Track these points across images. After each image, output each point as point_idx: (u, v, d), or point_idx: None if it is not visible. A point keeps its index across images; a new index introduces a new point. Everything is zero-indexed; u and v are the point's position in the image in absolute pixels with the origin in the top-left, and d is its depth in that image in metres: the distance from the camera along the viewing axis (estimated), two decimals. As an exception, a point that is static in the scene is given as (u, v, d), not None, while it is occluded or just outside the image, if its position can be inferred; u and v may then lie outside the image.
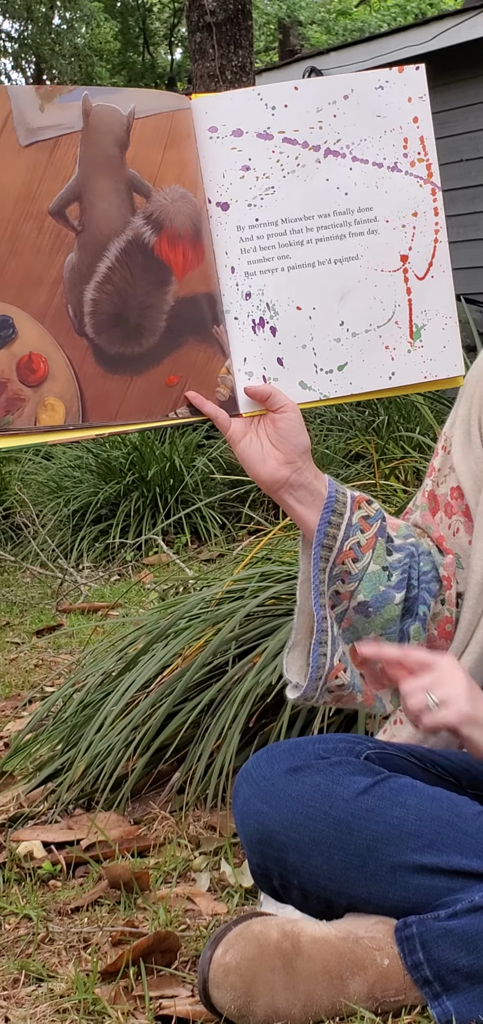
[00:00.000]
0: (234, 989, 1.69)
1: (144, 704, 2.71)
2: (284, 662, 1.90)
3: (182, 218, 1.82)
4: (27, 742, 2.94)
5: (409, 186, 1.88)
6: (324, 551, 1.83)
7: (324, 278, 1.85)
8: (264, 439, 1.82)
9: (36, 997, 1.88)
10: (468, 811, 1.75)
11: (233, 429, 1.82)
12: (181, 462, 6.09)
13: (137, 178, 1.81)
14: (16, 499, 6.39)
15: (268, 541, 3.39)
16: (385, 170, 1.87)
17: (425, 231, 1.88)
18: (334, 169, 1.86)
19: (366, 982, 1.70)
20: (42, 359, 1.78)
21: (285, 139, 1.85)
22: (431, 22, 9.83)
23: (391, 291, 1.87)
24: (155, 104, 1.83)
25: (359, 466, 5.39)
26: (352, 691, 1.88)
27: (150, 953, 1.92)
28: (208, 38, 7.37)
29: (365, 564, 1.84)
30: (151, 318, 1.82)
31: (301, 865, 1.75)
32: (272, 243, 1.85)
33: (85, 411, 1.79)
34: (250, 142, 1.85)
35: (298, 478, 1.82)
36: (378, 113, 1.87)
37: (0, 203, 1.75)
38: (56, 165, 1.78)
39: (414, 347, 1.88)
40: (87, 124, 1.79)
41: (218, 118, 1.85)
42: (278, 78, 10.93)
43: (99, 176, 1.80)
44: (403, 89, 1.89)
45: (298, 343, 1.85)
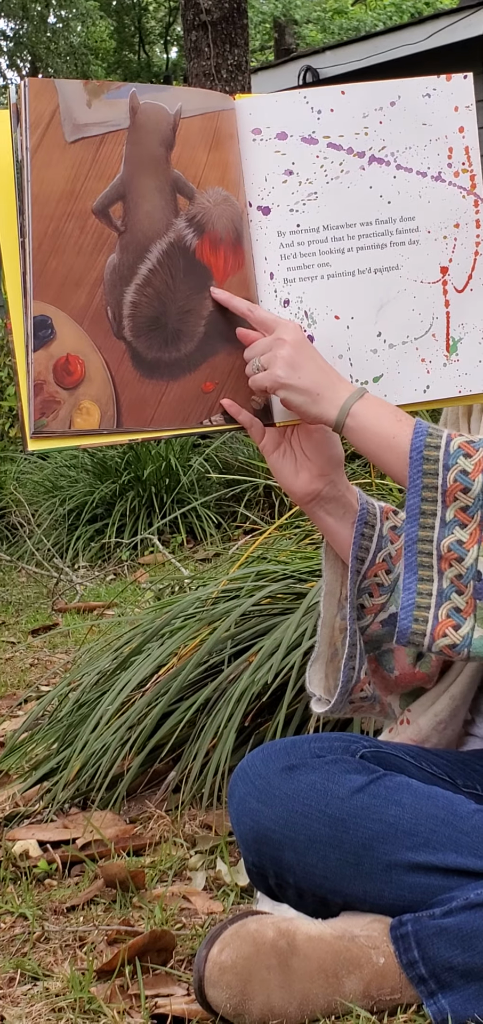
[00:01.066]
0: (230, 988, 1.69)
1: (140, 703, 2.71)
2: (307, 675, 1.89)
3: (224, 222, 1.79)
4: (23, 741, 2.95)
5: (452, 197, 1.85)
6: (357, 563, 1.82)
7: (363, 287, 1.82)
8: (297, 451, 1.80)
9: (32, 996, 1.88)
10: (463, 809, 1.75)
11: (267, 440, 1.79)
12: (177, 461, 6.10)
13: (181, 179, 1.78)
14: (12, 498, 6.39)
15: (264, 540, 3.39)
16: (429, 179, 1.85)
17: (466, 243, 1.85)
18: (378, 177, 1.83)
19: (362, 980, 1.70)
20: (79, 361, 1.73)
21: (330, 144, 1.82)
22: (427, 21, 9.83)
23: (430, 303, 1.84)
24: (201, 104, 1.80)
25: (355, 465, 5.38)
26: (372, 702, 1.88)
27: (146, 952, 1.92)
28: (204, 37, 7.36)
29: (397, 575, 1.83)
30: (190, 323, 1.78)
31: (297, 863, 1.75)
32: (313, 250, 1.81)
33: (120, 416, 1.75)
34: (294, 146, 1.82)
35: (331, 491, 1.81)
36: (424, 121, 1.85)
37: (44, 200, 1.71)
38: (101, 163, 1.74)
39: (450, 360, 1.84)
40: (134, 122, 1.75)
41: (262, 120, 1.82)
42: (274, 77, 10.93)
43: (144, 176, 1.76)
44: (450, 98, 1.86)
45: (335, 353, 1.82)
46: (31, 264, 1.71)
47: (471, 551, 1.64)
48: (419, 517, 1.66)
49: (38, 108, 1.71)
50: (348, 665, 1.81)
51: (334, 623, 1.87)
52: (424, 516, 1.65)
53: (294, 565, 3.05)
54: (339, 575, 1.86)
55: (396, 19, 20.46)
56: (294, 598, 2.89)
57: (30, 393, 1.70)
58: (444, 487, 1.64)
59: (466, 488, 1.64)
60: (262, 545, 3.37)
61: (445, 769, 1.87)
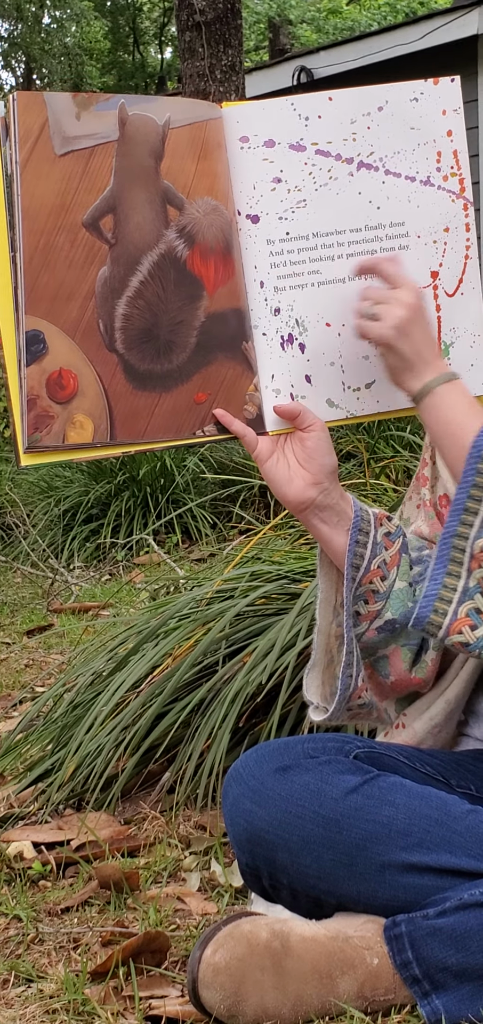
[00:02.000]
0: (223, 989, 1.69)
1: (134, 704, 2.71)
2: (304, 683, 1.89)
3: (214, 231, 1.79)
4: (17, 742, 2.94)
5: (441, 201, 1.85)
6: (352, 571, 1.82)
7: (354, 294, 1.81)
8: (291, 459, 1.80)
9: (26, 998, 1.88)
10: (457, 810, 1.75)
11: (260, 448, 1.79)
12: (172, 462, 6.09)
13: (171, 190, 1.78)
14: (7, 499, 6.39)
15: (258, 540, 3.39)
16: (418, 184, 1.85)
17: (456, 247, 1.85)
18: (367, 182, 1.83)
19: (356, 981, 1.70)
20: (72, 375, 1.73)
21: (318, 151, 1.82)
22: (421, 21, 9.84)
23: None
24: (189, 114, 1.79)
25: (350, 465, 5.39)
26: (370, 709, 1.88)
27: (140, 953, 1.92)
28: (198, 37, 7.36)
29: (392, 581, 1.84)
30: (182, 334, 1.78)
31: (290, 864, 1.75)
32: (302, 258, 1.81)
33: (113, 429, 1.75)
34: (282, 153, 1.82)
35: (325, 499, 1.80)
36: (412, 125, 1.85)
37: (34, 214, 1.71)
38: (91, 175, 1.74)
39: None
40: (123, 134, 1.75)
41: (250, 128, 1.81)
42: (268, 77, 10.93)
43: (134, 187, 1.76)
44: (438, 101, 1.86)
45: (326, 360, 1.82)
46: (23, 279, 1.71)
47: None
48: (462, 513, 1.67)
49: (27, 122, 1.71)
50: (346, 673, 1.81)
51: (330, 630, 1.86)
52: (466, 513, 1.67)
53: (288, 565, 3.05)
54: (334, 582, 1.86)
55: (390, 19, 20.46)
56: (288, 598, 2.89)
57: (23, 408, 1.71)
58: None
59: None
60: (257, 545, 3.37)
61: (439, 769, 1.87)
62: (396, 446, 5.37)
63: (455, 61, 9.44)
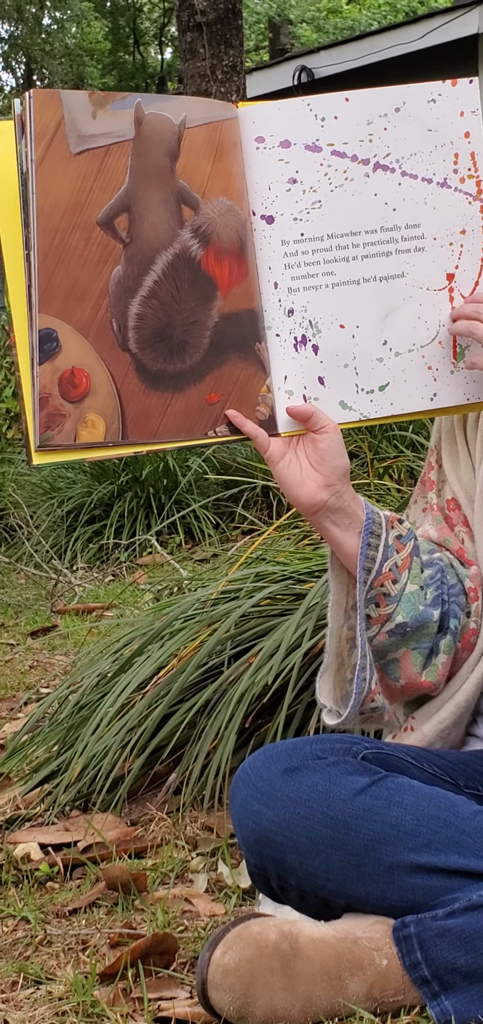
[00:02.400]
0: (233, 990, 1.69)
1: (140, 705, 2.71)
2: (317, 686, 1.89)
3: (229, 232, 1.79)
4: (23, 744, 2.94)
5: (458, 203, 1.84)
6: (364, 574, 1.82)
7: (369, 296, 1.81)
8: (303, 460, 1.80)
9: (34, 1000, 1.88)
10: (465, 810, 1.75)
11: (272, 450, 1.79)
12: (175, 463, 6.10)
13: (186, 189, 1.77)
14: (10, 500, 6.39)
15: (263, 541, 3.39)
16: (434, 186, 1.83)
17: (473, 250, 1.83)
18: (383, 184, 1.82)
19: (365, 982, 1.70)
20: (84, 374, 1.73)
21: (334, 152, 1.81)
22: (421, 20, 9.84)
23: (436, 311, 1.83)
24: (205, 113, 1.79)
25: (353, 465, 5.39)
26: (382, 712, 1.88)
27: (148, 955, 1.92)
28: (198, 38, 7.36)
29: (403, 584, 1.84)
30: (195, 334, 1.78)
31: (299, 865, 1.75)
32: (317, 259, 1.81)
33: (125, 428, 1.75)
34: (298, 154, 1.81)
35: (337, 502, 1.80)
36: (429, 127, 1.83)
37: (49, 212, 1.71)
38: (106, 174, 1.74)
39: (457, 368, 1.83)
40: (139, 132, 1.75)
41: (265, 128, 1.81)
42: (268, 77, 10.94)
43: (149, 187, 1.76)
44: (456, 103, 1.85)
45: (340, 362, 1.81)
46: (36, 277, 1.70)
47: None
48: None
49: (43, 119, 1.71)
50: (360, 676, 1.81)
51: (341, 633, 1.86)
52: None
53: (293, 566, 3.05)
54: (345, 585, 1.86)
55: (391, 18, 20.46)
56: (293, 599, 2.89)
57: (35, 406, 1.70)
58: None
59: None
60: (261, 546, 3.37)
61: (447, 770, 1.87)
62: (399, 446, 5.37)
63: (455, 60, 9.44)
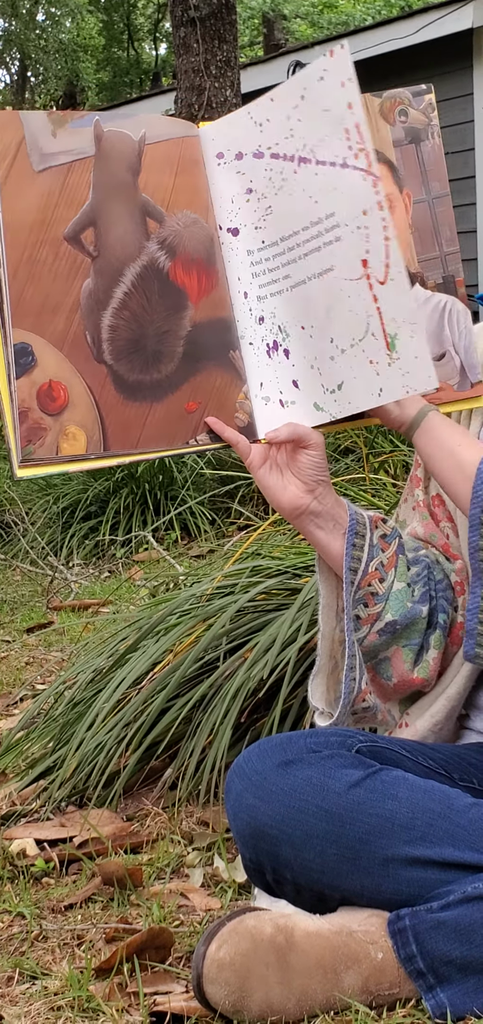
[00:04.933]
0: (228, 984, 1.69)
1: (135, 700, 2.71)
2: (309, 689, 1.91)
3: (195, 243, 1.80)
4: (19, 740, 2.94)
5: (357, 182, 1.71)
6: (350, 574, 1.83)
7: (312, 294, 1.78)
8: (283, 466, 1.81)
9: (30, 995, 1.88)
10: (460, 803, 1.75)
11: (253, 456, 1.81)
12: (170, 459, 6.09)
13: (150, 203, 1.79)
14: (5, 496, 6.39)
15: (258, 536, 3.39)
16: (338, 168, 1.73)
17: (375, 229, 1.71)
18: (306, 177, 1.76)
19: (360, 976, 1.70)
20: (62, 387, 1.74)
21: (272, 155, 1.79)
22: (416, 15, 9.83)
23: (362, 301, 1.73)
24: (165, 131, 1.81)
25: (349, 460, 5.39)
26: (374, 712, 1.90)
27: (144, 949, 1.92)
28: (192, 33, 7.35)
29: (390, 583, 1.85)
30: (168, 344, 1.79)
31: (294, 859, 1.75)
32: (276, 264, 1.81)
33: (106, 439, 1.76)
34: (249, 164, 1.81)
35: (319, 505, 1.82)
36: (324, 107, 1.72)
37: (16, 229, 1.73)
38: (70, 190, 1.76)
39: (392, 359, 1.73)
40: (99, 149, 1.77)
41: (223, 144, 1.82)
42: (263, 72, 10.91)
43: (113, 201, 1.78)
44: (337, 74, 1.71)
45: (307, 364, 1.81)
46: (8, 292, 1.73)
47: None
48: (479, 527, 1.69)
49: (4, 139, 1.74)
50: (349, 676, 1.83)
51: (333, 635, 1.88)
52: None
53: (288, 561, 3.05)
54: (334, 588, 1.88)
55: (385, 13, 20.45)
56: (289, 594, 2.89)
57: (15, 421, 1.72)
58: None
59: None
60: (256, 541, 3.37)
61: (441, 763, 1.87)
62: (395, 440, 5.37)
63: (450, 55, 9.44)
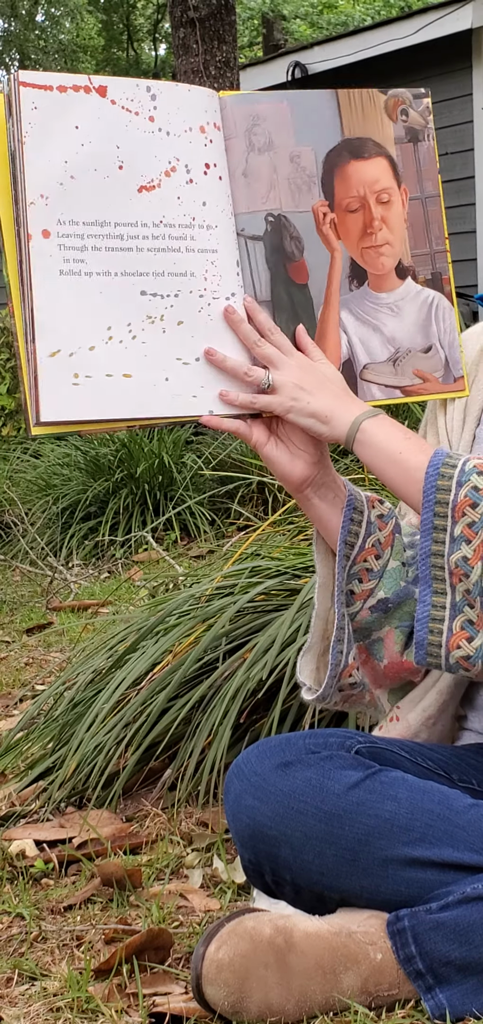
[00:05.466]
0: (227, 985, 1.69)
1: (135, 701, 2.71)
2: (298, 665, 1.91)
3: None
4: (18, 740, 2.94)
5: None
6: (346, 548, 1.84)
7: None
8: (287, 441, 1.81)
9: (29, 996, 1.88)
10: (459, 804, 1.75)
11: (256, 436, 1.80)
12: (170, 459, 6.09)
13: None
14: (5, 497, 6.39)
15: (257, 537, 3.39)
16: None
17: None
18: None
19: (359, 976, 1.70)
20: None
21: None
22: (415, 15, 9.83)
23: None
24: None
25: (348, 460, 5.39)
26: (362, 690, 1.90)
27: (143, 950, 1.92)
28: (191, 33, 7.35)
29: (386, 560, 1.85)
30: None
31: (293, 860, 1.75)
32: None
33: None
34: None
35: (324, 476, 1.83)
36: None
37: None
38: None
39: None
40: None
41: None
42: (262, 73, 10.92)
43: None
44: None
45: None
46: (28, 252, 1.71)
47: (476, 568, 1.65)
48: (432, 532, 1.69)
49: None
50: (336, 648, 1.83)
51: (328, 615, 1.87)
52: (436, 531, 1.68)
53: (288, 561, 3.05)
54: (331, 567, 1.87)
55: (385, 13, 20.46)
56: (288, 594, 2.89)
57: (31, 381, 1.70)
58: (454, 503, 1.67)
59: (475, 504, 1.66)
60: (256, 542, 3.37)
61: (440, 764, 1.87)
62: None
63: (449, 55, 9.44)
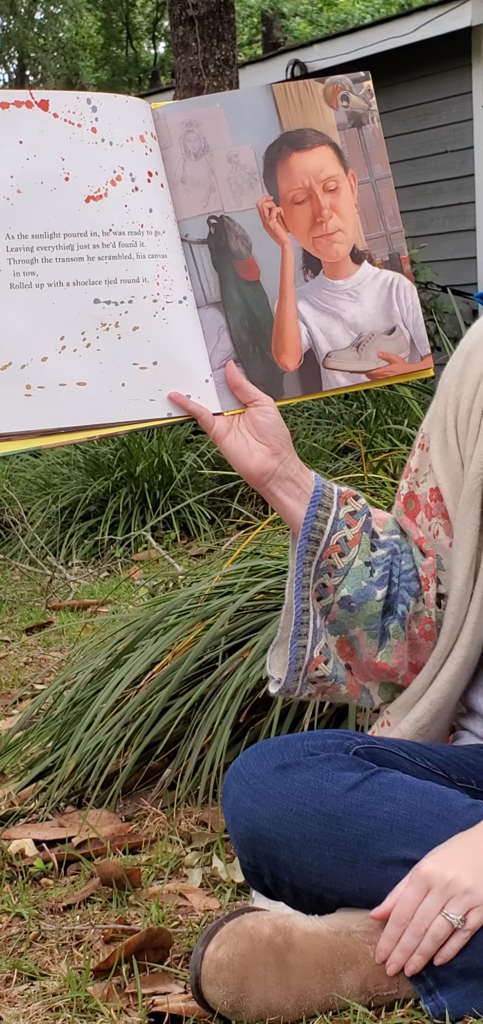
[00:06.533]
0: (226, 985, 1.69)
1: (134, 700, 2.71)
2: (268, 659, 1.92)
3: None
4: (17, 740, 2.94)
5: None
6: (311, 544, 1.85)
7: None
8: (247, 434, 1.85)
9: (29, 996, 1.88)
10: (458, 805, 1.75)
11: (217, 427, 1.84)
12: (169, 458, 6.09)
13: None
14: (4, 496, 6.38)
15: (257, 536, 3.39)
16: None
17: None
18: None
19: (359, 976, 1.70)
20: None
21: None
22: (415, 13, 9.82)
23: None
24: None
25: (347, 459, 5.40)
26: (335, 683, 1.90)
27: (142, 950, 1.92)
28: (191, 32, 7.34)
29: (351, 559, 1.86)
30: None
31: (292, 862, 1.75)
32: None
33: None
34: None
35: (285, 470, 1.85)
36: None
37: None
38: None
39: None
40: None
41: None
42: (261, 71, 10.91)
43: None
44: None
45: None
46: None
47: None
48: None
49: None
50: (295, 643, 1.86)
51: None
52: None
53: (287, 561, 3.04)
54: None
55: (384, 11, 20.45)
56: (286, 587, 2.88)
57: None
58: None
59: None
60: (255, 540, 3.37)
61: (439, 764, 1.87)
62: (393, 439, 5.37)
63: (448, 53, 9.43)
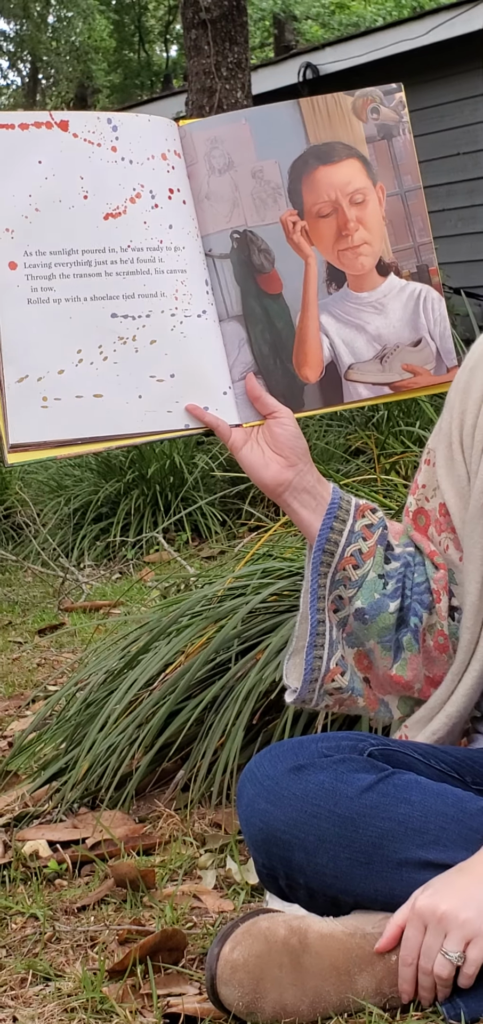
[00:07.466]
0: (242, 986, 1.69)
1: (147, 702, 2.72)
2: (284, 668, 1.92)
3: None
4: (31, 741, 2.95)
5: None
6: (326, 556, 1.86)
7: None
8: (264, 445, 1.86)
9: (44, 997, 1.88)
10: (473, 807, 1.75)
11: (234, 438, 1.86)
12: (181, 460, 6.09)
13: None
14: (17, 498, 6.39)
15: (269, 537, 3.39)
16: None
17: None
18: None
19: (374, 978, 1.70)
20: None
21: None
22: (427, 16, 9.82)
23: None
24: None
25: (360, 461, 5.39)
26: (352, 695, 1.91)
27: (157, 951, 1.92)
28: (203, 35, 7.35)
29: (365, 571, 1.87)
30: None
31: (307, 864, 1.75)
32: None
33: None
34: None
35: (301, 481, 1.85)
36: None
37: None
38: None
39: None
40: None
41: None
42: (274, 74, 10.92)
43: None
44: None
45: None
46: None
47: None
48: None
49: None
50: (312, 653, 1.87)
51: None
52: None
53: (300, 562, 3.05)
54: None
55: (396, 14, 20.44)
56: (300, 595, 2.88)
57: (5, 407, 1.72)
58: None
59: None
60: (267, 542, 3.37)
61: (454, 766, 1.86)
62: (406, 441, 5.37)
63: (460, 56, 9.43)
